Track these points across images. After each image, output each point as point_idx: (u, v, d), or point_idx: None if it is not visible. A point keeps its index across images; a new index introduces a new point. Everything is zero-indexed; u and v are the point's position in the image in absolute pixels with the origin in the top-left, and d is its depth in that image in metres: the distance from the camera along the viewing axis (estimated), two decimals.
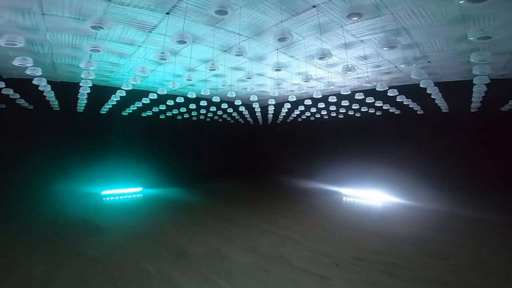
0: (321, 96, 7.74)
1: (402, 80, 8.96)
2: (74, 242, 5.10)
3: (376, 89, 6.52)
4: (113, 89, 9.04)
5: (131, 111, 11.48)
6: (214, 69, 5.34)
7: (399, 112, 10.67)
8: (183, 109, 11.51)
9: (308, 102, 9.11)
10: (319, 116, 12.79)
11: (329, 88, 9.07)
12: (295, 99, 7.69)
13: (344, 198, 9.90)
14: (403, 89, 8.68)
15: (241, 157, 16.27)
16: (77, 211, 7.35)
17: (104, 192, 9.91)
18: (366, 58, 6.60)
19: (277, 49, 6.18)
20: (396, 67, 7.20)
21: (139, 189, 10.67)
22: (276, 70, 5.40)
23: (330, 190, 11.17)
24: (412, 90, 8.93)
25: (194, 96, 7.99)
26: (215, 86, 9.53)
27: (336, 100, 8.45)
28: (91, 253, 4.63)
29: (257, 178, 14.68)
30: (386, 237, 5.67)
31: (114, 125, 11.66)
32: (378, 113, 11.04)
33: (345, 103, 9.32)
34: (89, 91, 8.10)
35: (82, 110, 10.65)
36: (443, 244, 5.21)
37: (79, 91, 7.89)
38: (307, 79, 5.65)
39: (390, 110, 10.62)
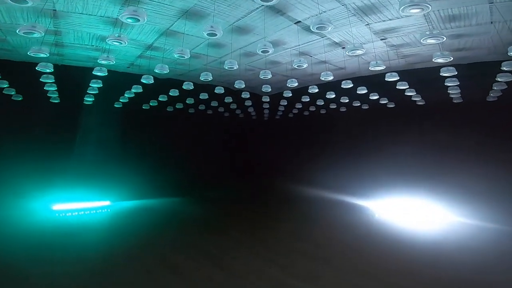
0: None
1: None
2: None
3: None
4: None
5: (155, 104, 9.04)
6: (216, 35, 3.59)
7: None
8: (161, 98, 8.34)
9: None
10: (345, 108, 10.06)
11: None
12: (331, 77, 5.16)
13: (376, 216, 7.44)
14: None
15: (239, 160, 13.69)
16: None
17: (56, 207, 7.40)
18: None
19: None
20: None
21: (107, 202, 8.16)
22: None
23: (353, 203, 8.70)
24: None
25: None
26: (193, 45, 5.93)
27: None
28: None
29: (258, 186, 12.15)
30: None
31: (78, 119, 9.14)
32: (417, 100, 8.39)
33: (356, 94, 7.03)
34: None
35: (91, 103, 8.51)
36: None
37: (89, 88, 6.54)
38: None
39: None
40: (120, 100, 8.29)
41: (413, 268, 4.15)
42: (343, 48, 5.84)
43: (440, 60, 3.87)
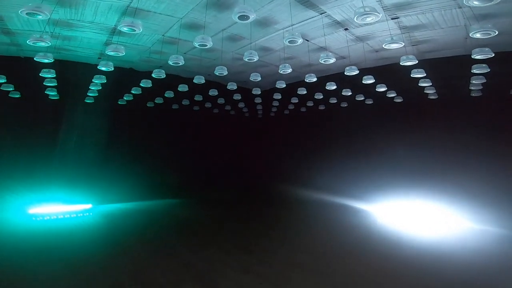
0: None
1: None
2: None
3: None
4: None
5: (131, 98, 8.19)
6: None
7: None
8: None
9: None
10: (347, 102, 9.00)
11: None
12: (333, 59, 4.30)
13: (378, 221, 6.78)
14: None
15: (231, 161, 12.77)
16: None
17: (32, 210, 6.89)
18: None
19: None
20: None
21: (88, 206, 7.62)
22: None
23: (353, 207, 8.01)
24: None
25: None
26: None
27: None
28: None
29: (253, 187, 11.49)
30: None
31: (58, 115, 8.36)
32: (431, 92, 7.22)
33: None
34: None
35: (57, 98, 7.64)
36: None
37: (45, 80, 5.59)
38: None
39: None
40: (89, 94, 7.44)
41: (421, 279, 3.64)
42: (346, 29, 4.89)
43: (478, 36, 3.09)
